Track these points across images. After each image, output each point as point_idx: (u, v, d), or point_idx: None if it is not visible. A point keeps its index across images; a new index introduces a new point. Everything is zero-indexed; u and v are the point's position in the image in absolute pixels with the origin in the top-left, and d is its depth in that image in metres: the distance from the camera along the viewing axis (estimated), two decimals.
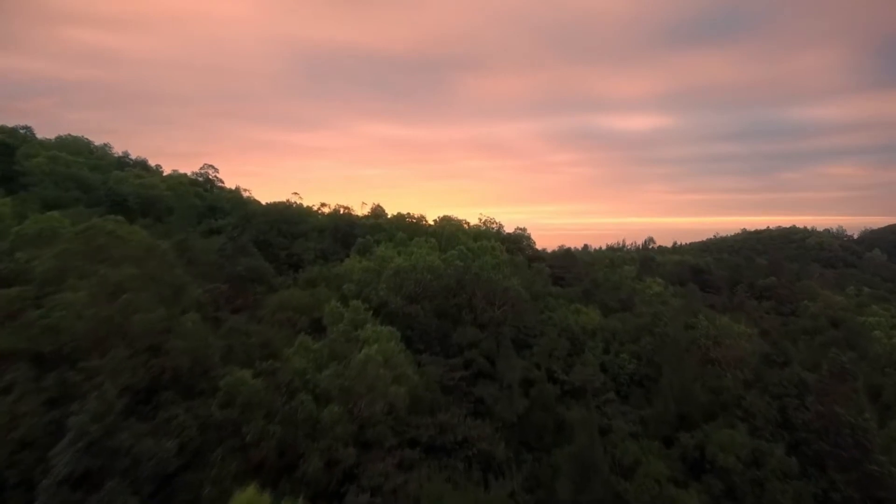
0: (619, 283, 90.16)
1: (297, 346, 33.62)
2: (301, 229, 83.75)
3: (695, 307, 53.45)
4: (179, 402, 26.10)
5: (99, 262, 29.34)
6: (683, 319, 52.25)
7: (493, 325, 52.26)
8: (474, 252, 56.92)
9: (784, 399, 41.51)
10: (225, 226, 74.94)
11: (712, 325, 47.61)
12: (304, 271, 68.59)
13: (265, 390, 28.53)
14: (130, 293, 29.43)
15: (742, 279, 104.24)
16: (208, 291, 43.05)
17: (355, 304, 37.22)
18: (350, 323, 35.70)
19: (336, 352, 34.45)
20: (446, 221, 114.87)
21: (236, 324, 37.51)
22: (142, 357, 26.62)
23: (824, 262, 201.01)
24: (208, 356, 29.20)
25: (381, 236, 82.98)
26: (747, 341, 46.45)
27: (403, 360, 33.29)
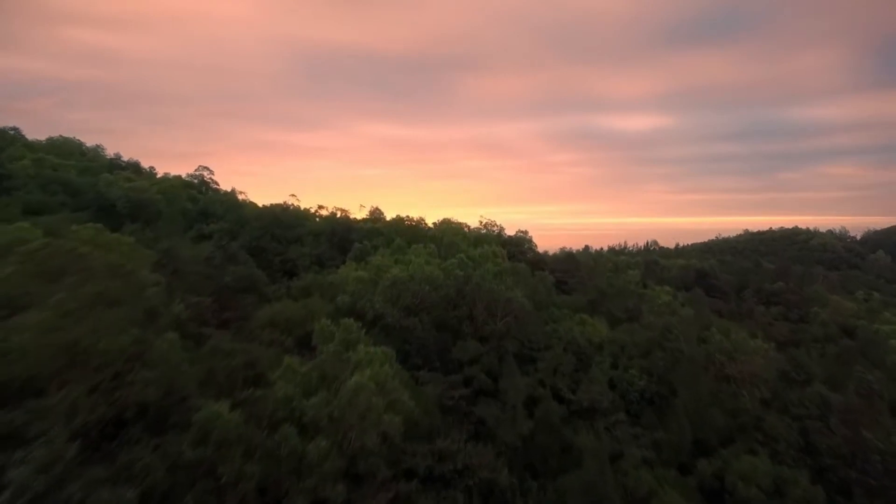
0: (624, 289, 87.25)
1: (283, 368, 30.71)
2: (296, 234, 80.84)
3: (706, 319, 50.56)
4: (146, 440, 23.20)
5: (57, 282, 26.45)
6: (695, 332, 49.33)
7: (495, 339, 49.37)
8: (475, 260, 54.00)
9: (806, 421, 38.61)
10: (217, 231, 72.03)
11: (726, 340, 44.67)
12: (299, 279, 65.72)
13: (244, 424, 25.64)
14: (97, 314, 26.54)
15: (749, 284, 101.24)
16: (191, 306, 40.09)
17: (347, 322, 34.30)
18: (341, 343, 32.79)
19: (326, 374, 31.54)
20: (446, 224, 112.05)
21: (219, 342, 34.60)
22: (105, 388, 23.74)
23: (828, 263, 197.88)
24: (181, 385, 26.32)
25: (379, 241, 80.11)
26: (763, 356, 43.51)
27: (398, 385, 30.37)
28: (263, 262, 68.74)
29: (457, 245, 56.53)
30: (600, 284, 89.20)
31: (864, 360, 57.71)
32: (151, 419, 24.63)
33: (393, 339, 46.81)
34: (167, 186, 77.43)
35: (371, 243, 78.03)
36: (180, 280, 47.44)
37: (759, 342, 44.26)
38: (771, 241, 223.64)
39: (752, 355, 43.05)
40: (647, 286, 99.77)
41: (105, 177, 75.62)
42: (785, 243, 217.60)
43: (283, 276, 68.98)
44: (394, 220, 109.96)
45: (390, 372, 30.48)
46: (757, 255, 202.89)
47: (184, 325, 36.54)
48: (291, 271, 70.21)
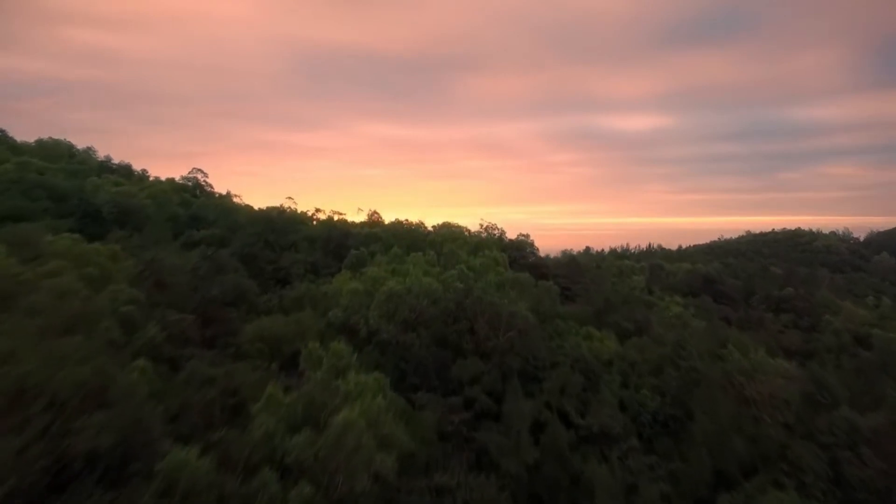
0: (629, 295, 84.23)
1: (265, 399, 27.61)
2: (291, 239, 77.77)
3: (722, 334, 47.52)
4: (99, 495, 20.10)
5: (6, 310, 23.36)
6: (709, 347, 46.25)
7: (498, 355, 46.24)
8: (476, 270, 50.88)
9: (835, 450, 35.44)
10: (208, 237, 68.90)
11: (745, 358, 41.54)
12: (291, 288, 62.61)
13: (217, 469, 22.52)
14: (52, 344, 23.45)
15: (757, 290, 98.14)
16: (170, 324, 36.97)
17: (337, 347, 31.17)
18: (330, 370, 29.68)
19: (314, 404, 28.44)
20: (446, 228, 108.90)
21: (197, 368, 31.45)
22: (54, 433, 20.64)
23: (832, 265, 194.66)
24: (147, 425, 23.22)
25: (377, 247, 77.02)
26: (784, 376, 40.39)
27: (392, 419, 27.26)
28: (255, 270, 65.63)
29: (457, 255, 53.37)
30: (605, 291, 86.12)
31: (884, 375, 54.64)
32: (107, 468, 21.49)
33: (388, 356, 43.79)
34: (157, 191, 74.32)
35: (368, 250, 74.95)
36: (162, 293, 44.33)
37: (780, 361, 41.16)
38: (774, 242, 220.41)
39: (772, 375, 39.95)
40: (653, 292, 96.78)
41: (92, 181, 72.58)
42: (788, 245, 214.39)
43: (275, 284, 65.87)
44: (392, 223, 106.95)
45: (383, 404, 27.35)
46: (760, 258, 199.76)
47: (159, 348, 33.40)
48: (284, 279, 67.09)
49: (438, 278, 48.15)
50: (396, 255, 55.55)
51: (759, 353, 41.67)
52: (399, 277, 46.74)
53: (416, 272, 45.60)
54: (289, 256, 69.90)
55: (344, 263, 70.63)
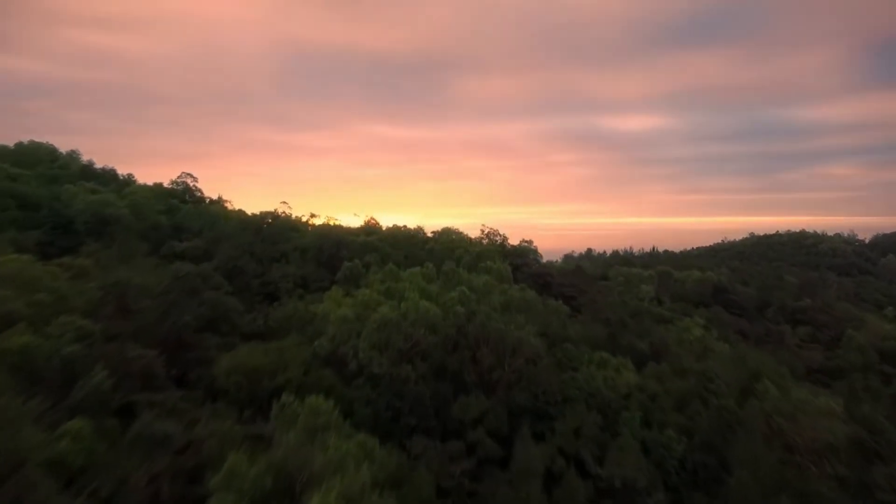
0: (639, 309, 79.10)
1: (224, 473, 22.33)
2: (281, 250, 72.46)
3: (753, 364, 42.28)
4: None
5: None
6: (739, 378, 41.02)
7: (503, 388, 41.01)
8: (478, 291, 45.56)
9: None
10: (190, 249, 63.54)
11: (784, 398, 36.23)
12: (279, 305, 57.32)
13: None
14: None
15: (771, 299, 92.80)
16: (125, 366, 31.63)
17: (315, 402, 25.77)
18: (306, 430, 24.37)
19: (284, 476, 23.21)
20: (445, 235, 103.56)
21: (149, 423, 26.09)
22: None
23: (838, 269, 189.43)
24: None
25: (373, 258, 71.71)
26: (829, 418, 35.11)
27: (378, 497, 21.96)
28: (240, 285, 60.32)
29: (457, 273, 48.02)
30: (614, 304, 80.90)
31: None
32: None
33: (381, 391, 38.50)
34: (138, 199, 68.91)
35: (362, 261, 69.66)
36: (126, 321, 39.02)
37: (825, 400, 35.88)
38: (779, 245, 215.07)
39: (815, 415, 34.71)
40: (662, 302, 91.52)
41: (67, 188, 67.21)
42: (793, 247, 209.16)
43: (263, 300, 60.58)
44: (390, 230, 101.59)
45: (368, 477, 22.05)
46: (765, 261, 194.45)
47: (107, 398, 28.06)
48: (273, 295, 61.80)
49: (437, 301, 42.82)
50: (391, 272, 50.19)
51: (802, 392, 36.30)
52: (393, 301, 41.40)
53: (412, 296, 40.24)
54: (278, 269, 64.57)
55: (337, 277, 65.35)
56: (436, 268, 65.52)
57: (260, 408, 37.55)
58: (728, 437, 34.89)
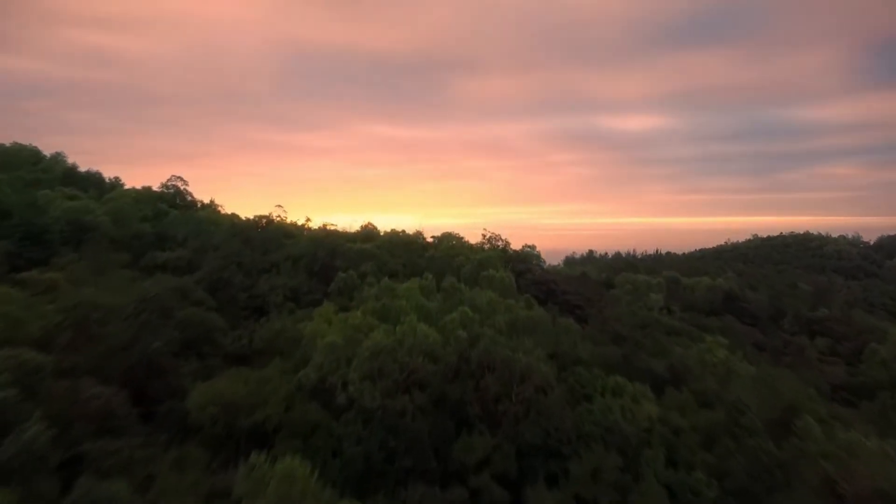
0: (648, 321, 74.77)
1: None
2: (271, 259, 67.88)
3: (788, 393, 37.70)
4: None
5: None
6: (774, 411, 36.45)
7: (510, 422, 36.44)
8: (482, 310, 41.02)
9: None
10: (173, 260, 58.97)
11: (830, 438, 31.69)
12: (268, 320, 52.70)
13: None
14: None
15: (785, 308, 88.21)
16: (77, 408, 27.09)
17: (289, 465, 21.21)
18: (277, 500, 19.84)
19: None
20: (446, 240, 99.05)
21: (88, 490, 21.54)
22: None
23: (845, 272, 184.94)
24: None
25: (369, 267, 67.23)
26: (881, 462, 30.58)
27: None
28: (226, 299, 55.82)
29: (459, 291, 43.41)
30: (623, 316, 76.48)
31: None
32: None
33: (373, 428, 33.99)
34: (120, 205, 64.27)
35: (358, 271, 65.19)
36: (87, 350, 34.44)
37: (876, 441, 31.40)
38: (783, 247, 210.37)
39: (870, 462, 30.22)
40: (672, 311, 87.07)
41: (44, 194, 62.61)
42: (798, 250, 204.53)
43: (251, 314, 56.02)
44: (388, 235, 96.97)
45: None
46: (771, 264, 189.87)
47: (45, 456, 23.43)
48: (261, 308, 57.25)
49: (437, 322, 38.30)
50: (387, 289, 45.61)
51: (851, 434, 31.71)
52: (388, 325, 36.82)
53: (409, 318, 35.67)
54: (267, 281, 59.99)
55: (330, 288, 60.91)
56: (436, 279, 61.23)
57: (237, 447, 33.14)
58: (767, 483, 30.36)
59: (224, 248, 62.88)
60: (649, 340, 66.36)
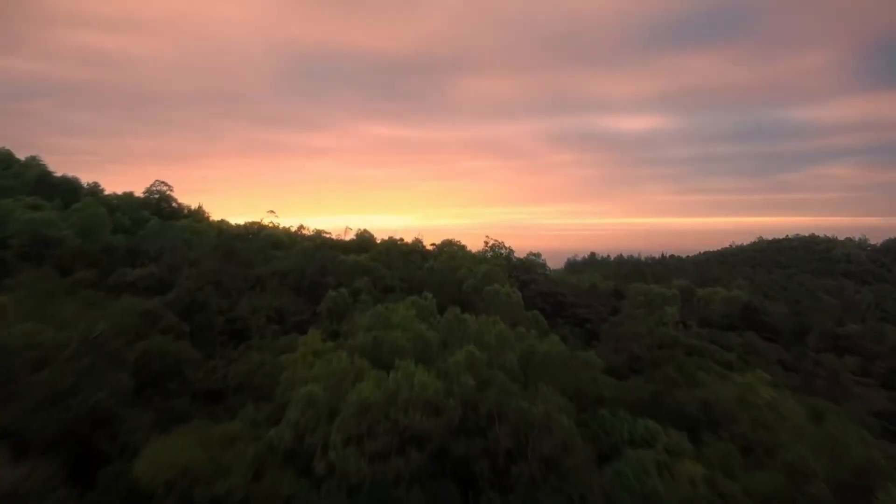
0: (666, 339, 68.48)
1: None
2: (256, 274, 61.36)
3: (859, 451, 31.38)
4: None
5: None
6: (843, 474, 30.04)
7: (525, 487, 30.01)
8: (491, 348, 34.52)
9: None
10: (145, 278, 52.41)
11: None
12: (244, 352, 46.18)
13: None
14: None
15: (808, 321, 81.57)
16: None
17: None
18: None
19: None
20: (447, 248, 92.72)
21: None
22: None
23: (854, 276, 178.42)
24: None
25: (362, 283, 60.76)
26: None
27: None
28: (202, 323, 49.36)
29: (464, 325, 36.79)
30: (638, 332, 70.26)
31: None
32: None
33: (360, 502, 27.63)
34: (89, 216, 57.71)
35: (350, 288, 58.77)
36: (12, 403, 27.92)
37: None
38: (789, 250, 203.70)
39: None
40: (689, 326, 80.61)
41: (4, 204, 56.05)
42: (805, 253, 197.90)
43: (228, 340, 49.60)
44: (385, 244, 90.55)
45: None
46: (778, 268, 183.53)
47: None
48: (242, 333, 50.81)
49: (438, 364, 31.78)
50: (380, 317, 39.05)
51: None
52: (379, 370, 30.24)
53: (406, 366, 29.09)
54: (249, 301, 53.45)
55: (320, 307, 54.43)
56: (436, 296, 54.74)
57: None
58: None
59: (203, 264, 56.32)
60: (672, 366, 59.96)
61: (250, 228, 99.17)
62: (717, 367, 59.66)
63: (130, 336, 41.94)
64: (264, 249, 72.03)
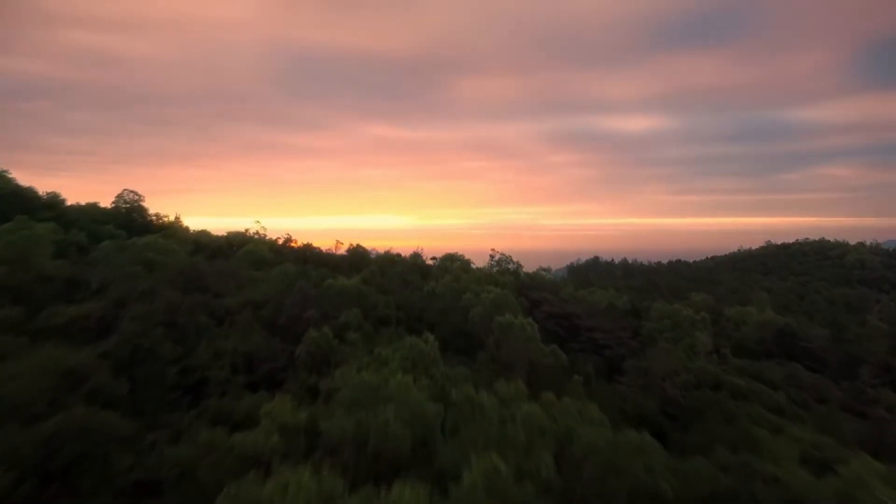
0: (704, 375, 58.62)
1: None
2: (226, 305, 50.97)
3: None
4: None
5: None
6: None
7: None
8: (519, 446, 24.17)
9: None
10: (82, 316, 41.92)
11: None
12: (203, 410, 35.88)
13: None
14: None
15: (858, 351, 71.13)
16: None
17: None
18: None
19: None
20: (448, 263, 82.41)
21: None
22: None
23: (870, 283, 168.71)
24: None
25: (350, 316, 50.49)
26: None
27: None
28: (148, 377, 38.85)
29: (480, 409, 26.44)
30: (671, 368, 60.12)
31: None
32: None
33: None
34: (21, 238, 47.14)
35: (337, 323, 48.57)
36: None
37: None
38: (801, 255, 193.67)
39: None
40: (723, 355, 70.42)
41: None
42: (817, 258, 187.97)
43: (182, 398, 39.15)
44: (380, 261, 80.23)
45: None
46: (792, 275, 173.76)
47: None
48: (199, 388, 40.38)
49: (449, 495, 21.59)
50: (364, 388, 28.84)
51: None
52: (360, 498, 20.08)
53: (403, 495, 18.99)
54: (210, 345, 42.94)
55: (297, 352, 44.05)
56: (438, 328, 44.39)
57: None
58: None
59: (158, 296, 45.81)
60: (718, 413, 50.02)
61: (233, 240, 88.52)
62: (772, 417, 49.68)
63: (41, 407, 31.60)
64: (241, 271, 61.57)
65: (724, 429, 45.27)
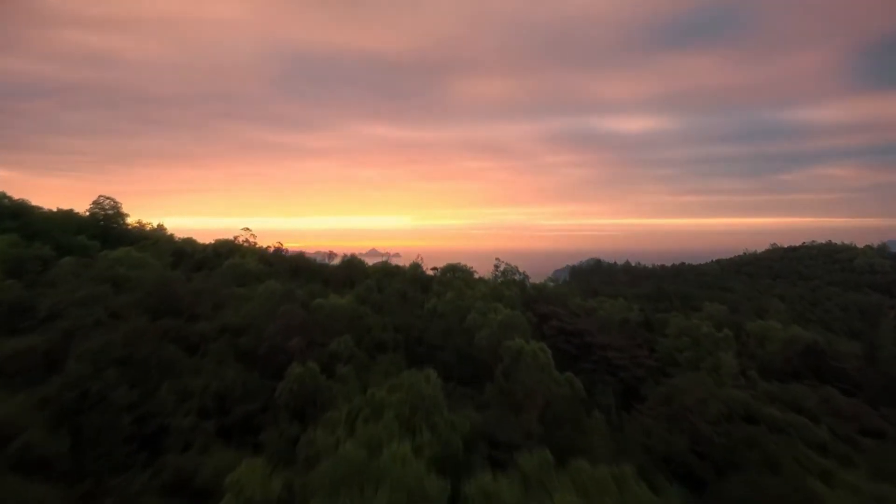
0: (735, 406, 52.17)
1: None
2: (200, 331, 44.31)
3: None
4: None
5: None
6: None
7: None
8: None
9: None
10: (22, 352, 35.30)
11: None
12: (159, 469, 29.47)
13: None
14: None
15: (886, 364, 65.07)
16: None
17: None
18: None
19: None
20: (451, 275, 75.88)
21: None
22: None
23: (881, 288, 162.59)
24: None
25: (342, 346, 43.93)
26: None
27: None
28: (100, 428, 32.19)
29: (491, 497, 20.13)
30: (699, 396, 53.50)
31: None
32: None
33: None
34: None
35: (326, 352, 42.04)
36: None
37: None
38: (808, 258, 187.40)
39: None
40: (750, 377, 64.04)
41: None
42: (825, 262, 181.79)
43: (138, 452, 32.54)
44: (376, 272, 73.63)
45: None
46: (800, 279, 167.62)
47: None
48: (159, 439, 33.79)
49: None
50: (351, 464, 22.54)
51: None
52: None
53: None
54: (175, 385, 36.27)
55: (278, 391, 37.42)
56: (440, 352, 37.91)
57: None
58: None
59: (118, 324, 39.11)
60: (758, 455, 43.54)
61: (220, 248, 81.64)
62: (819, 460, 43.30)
63: None
64: (221, 288, 54.90)
65: (771, 480, 38.82)
